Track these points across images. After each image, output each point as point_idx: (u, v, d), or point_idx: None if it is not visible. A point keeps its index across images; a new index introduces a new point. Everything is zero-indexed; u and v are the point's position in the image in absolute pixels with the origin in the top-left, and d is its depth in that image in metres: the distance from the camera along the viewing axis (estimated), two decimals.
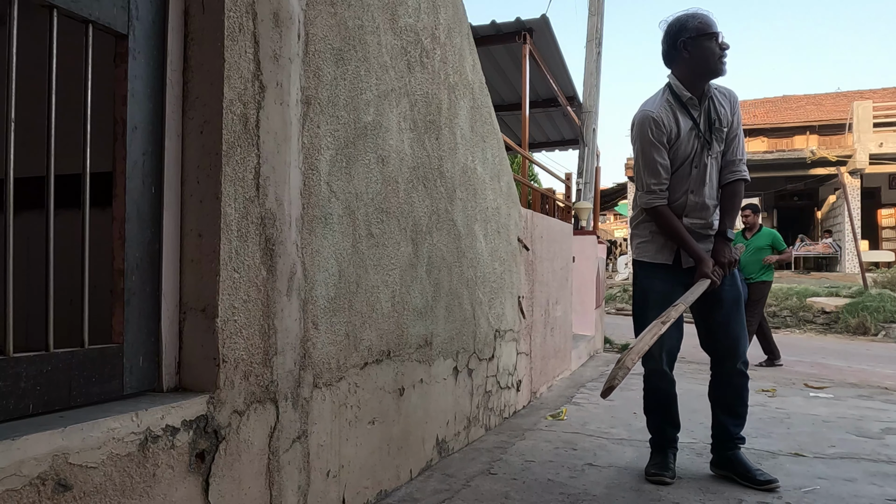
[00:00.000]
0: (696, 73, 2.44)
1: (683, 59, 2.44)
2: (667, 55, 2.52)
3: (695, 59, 2.41)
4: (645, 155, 2.48)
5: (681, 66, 2.47)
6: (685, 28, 2.42)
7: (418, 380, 2.50)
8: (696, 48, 2.40)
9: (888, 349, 8.58)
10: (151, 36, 1.43)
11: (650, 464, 2.56)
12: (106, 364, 1.33)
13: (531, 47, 5.65)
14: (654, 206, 2.50)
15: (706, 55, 2.40)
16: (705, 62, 2.40)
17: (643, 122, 2.46)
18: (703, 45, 2.39)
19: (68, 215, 1.40)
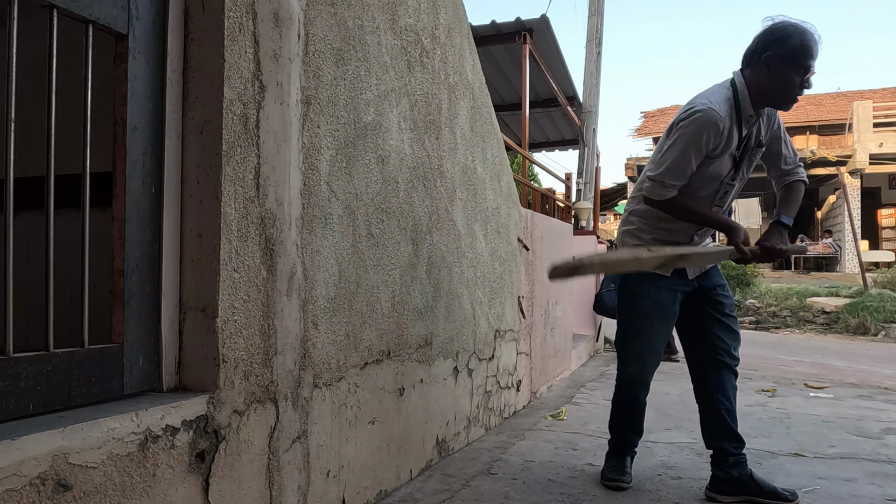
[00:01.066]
0: (762, 93, 2.17)
1: (762, 71, 2.15)
2: (750, 55, 2.21)
3: (771, 79, 2.14)
4: (684, 154, 2.18)
5: (755, 76, 2.18)
6: (783, 43, 2.10)
7: (418, 380, 2.50)
8: (779, 69, 2.11)
9: (888, 349, 8.58)
10: (151, 36, 1.43)
11: (608, 467, 2.49)
12: (106, 364, 1.33)
13: (531, 47, 5.65)
14: (668, 198, 2.24)
15: (785, 83, 2.12)
16: (777, 88, 2.14)
17: (705, 123, 2.13)
18: (788, 71, 2.10)
19: (68, 215, 1.40)
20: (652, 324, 2.40)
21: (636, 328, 2.43)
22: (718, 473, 2.33)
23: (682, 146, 2.18)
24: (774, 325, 11.22)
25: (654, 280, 2.37)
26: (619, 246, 2.51)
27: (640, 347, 2.44)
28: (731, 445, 2.34)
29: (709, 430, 2.40)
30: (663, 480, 2.51)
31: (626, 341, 2.48)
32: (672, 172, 2.22)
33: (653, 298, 2.39)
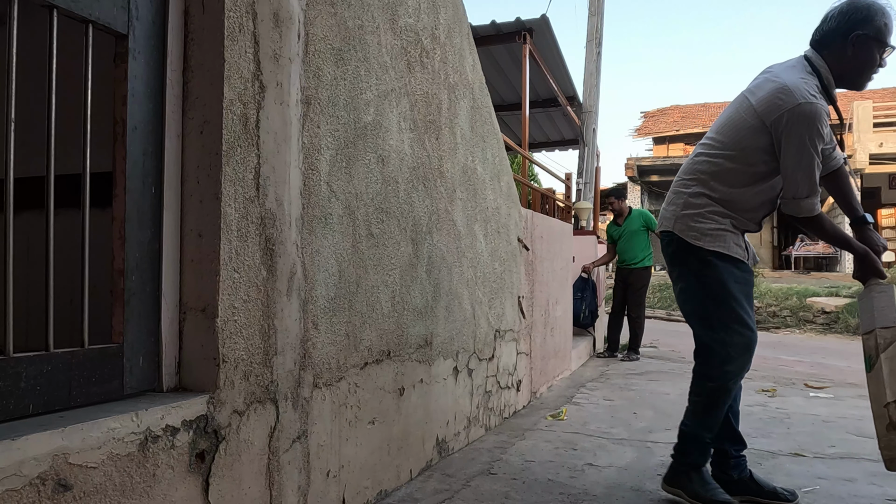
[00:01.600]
0: (843, 73, 2.10)
1: (843, 52, 2.07)
2: (828, 36, 2.10)
3: (854, 60, 2.07)
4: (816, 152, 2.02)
5: (836, 57, 2.09)
6: (869, 22, 2.03)
7: (418, 380, 2.50)
8: (863, 49, 2.05)
9: None
10: (151, 36, 1.43)
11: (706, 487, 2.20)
12: (106, 364, 1.33)
13: (531, 47, 5.65)
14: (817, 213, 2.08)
15: (867, 63, 2.07)
16: (860, 69, 2.08)
17: (816, 115, 1.99)
18: (871, 50, 2.05)
19: (68, 215, 1.40)
20: (749, 311, 2.18)
21: (736, 317, 2.15)
22: (718, 474, 2.33)
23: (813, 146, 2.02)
24: (774, 325, 11.23)
25: (738, 264, 2.18)
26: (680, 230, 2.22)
27: (745, 339, 2.16)
28: (732, 447, 2.33)
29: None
30: None
31: (727, 336, 2.16)
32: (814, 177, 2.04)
33: (741, 283, 2.17)
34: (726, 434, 2.33)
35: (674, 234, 2.23)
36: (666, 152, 22.99)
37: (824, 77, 2.10)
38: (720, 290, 2.15)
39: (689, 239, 2.19)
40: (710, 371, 2.20)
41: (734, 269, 2.16)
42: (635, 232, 6.38)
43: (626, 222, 6.43)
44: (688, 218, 2.21)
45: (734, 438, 2.34)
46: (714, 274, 2.16)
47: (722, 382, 2.19)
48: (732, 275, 2.16)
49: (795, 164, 2.04)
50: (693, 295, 2.24)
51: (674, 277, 2.33)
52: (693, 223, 2.19)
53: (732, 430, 2.34)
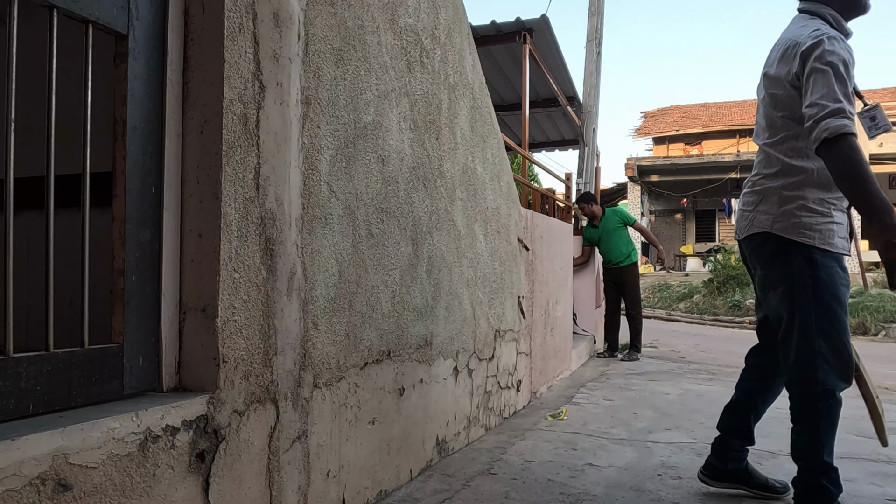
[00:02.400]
0: (846, 7, 2.04)
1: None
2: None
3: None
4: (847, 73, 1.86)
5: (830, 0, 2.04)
6: None
7: (418, 380, 2.50)
8: None
9: (888, 349, 8.59)
10: (151, 36, 1.43)
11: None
12: (106, 364, 1.33)
13: (531, 47, 5.65)
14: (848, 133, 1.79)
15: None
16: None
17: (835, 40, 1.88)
18: None
19: (68, 215, 1.40)
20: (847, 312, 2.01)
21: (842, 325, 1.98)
22: (714, 462, 2.36)
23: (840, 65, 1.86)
24: None
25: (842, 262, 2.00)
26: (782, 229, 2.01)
27: (849, 348, 2.00)
28: (738, 442, 2.34)
29: (728, 419, 2.36)
30: (663, 480, 2.51)
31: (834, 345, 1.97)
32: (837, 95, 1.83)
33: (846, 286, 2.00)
34: (740, 430, 2.33)
35: (771, 233, 2.02)
36: (666, 152, 23.00)
37: (831, 20, 2.00)
38: (827, 294, 1.96)
39: (795, 237, 1.97)
40: (815, 388, 1.98)
41: (840, 270, 1.99)
42: (614, 230, 6.42)
43: (603, 222, 6.48)
44: (788, 215, 1.99)
45: (745, 436, 2.34)
46: (822, 275, 1.96)
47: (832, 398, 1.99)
48: (839, 276, 1.98)
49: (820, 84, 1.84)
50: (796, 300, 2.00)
51: (770, 281, 2.08)
52: (796, 219, 1.98)
53: (748, 429, 2.34)
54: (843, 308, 1.97)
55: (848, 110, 1.81)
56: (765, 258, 2.08)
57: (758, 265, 2.12)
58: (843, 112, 1.81)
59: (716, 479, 2.36)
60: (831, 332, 1.97)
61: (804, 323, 1.99)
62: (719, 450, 2.36)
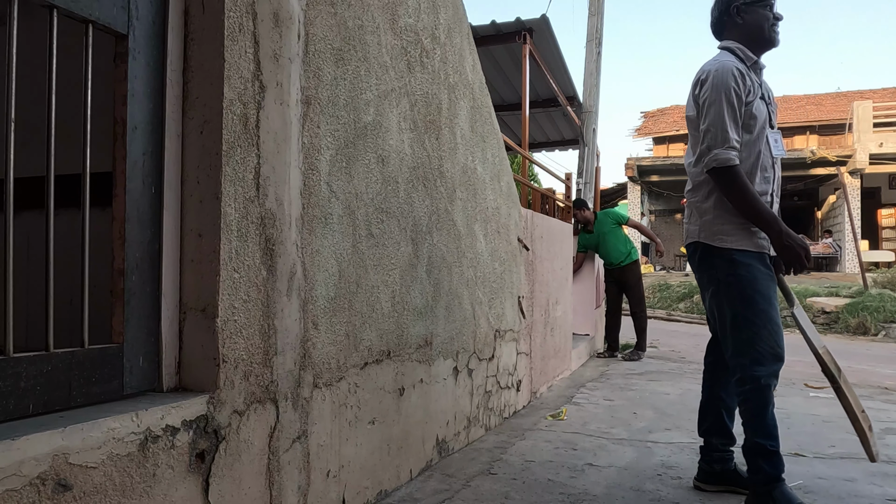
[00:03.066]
0: (751, 43, 2.26)
1: (737, 25, 2.28)
2: (717, 23, 2.35)
3: (749, 27, 2.25)
4: (729, 105, 2.12)
5: (734, 34, 2.29)
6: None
7: (418, 380, 2.50)
8: (750, 14, 2.25)
9: (888, 349, 8.58)
10: (151, 36, 1.43)
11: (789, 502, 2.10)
12: (106, 364, 1.33)
13: (531, 47, 5.65)
14: (735, 165, 2.09)
15: (760, 22, 2.24)
16: (759, 29, 2.25)
17: (724, 70, 2.15)
18: (757, 11, 2.24)
19: (68, 215, 1.40)
20: (774, 304, 2.18)
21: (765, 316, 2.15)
22: (703, 465, 2.43)
23: (720, 99, 2.12)
24: None
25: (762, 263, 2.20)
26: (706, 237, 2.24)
27: (775, 336, 2.17)
28: (719, 441, 2.40)
29: (702, 421, 2.46)
30: (663, 480, 2.51)
31: (758, 334, 2.15)
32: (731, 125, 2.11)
33: (768, 280, 2.19)
34: (716, 428, 2.41)
35: (699, 242, 2.26)
36: (666, 152, 22.99)
37: (738, 50, 2.26)
38: (748, 289, 2.16)
39: (715, 242, 2.21)
40: (745, 374, 2.16)
41: (760, 266, 2.18)
42: (609, 231, 6.41)
43: (597, 226, 6.48)
44: (709, 224, 2.23)
45: (723, 433, 2.41)
46: (740, 276, 2.16)
47: (764, 383, 2.14)
48: (760, 272, 2.17)
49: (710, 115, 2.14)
50: (723, 297, 2.21)
51: (703, 284, 2.33)
52: (715, 227, 2.21)
53: (723, 425, 2.41)
54: (766, 300, 2.16)
55: (733, 140, 2.11)
56: (696, 264, 2.34)
57: (694, 271, 2.38)
58: (728, 142, 2.11)
59: (708, 483, 2.40)
60: (757, 324, 2.15)
61: (733, 318, 2.20)
62: (704, 453, 2.44)
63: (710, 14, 2.39)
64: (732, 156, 2.10)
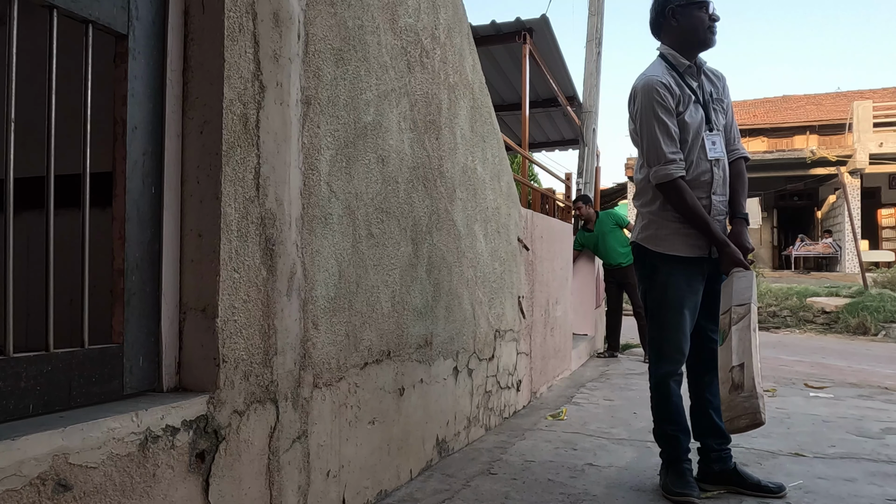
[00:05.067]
0: (686, 44, 2.32)
1: (672, 27, 2.33)
2: (654, 24, 2.40)
3: (683, 29, 2.31)
4: (658, 121, 2.25)
5: (670, 35, 2.35)
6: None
7: (418, 380, 2.50)
8: (684, 16, 2.30)
9: (888, 349, 8.58)
10: (151, 36, 1.43)
11: (669, 480, 2.32)
12: (106, 364, 1.33)
13: (531, 47, 5.65)
14: (675, 179, 2.23)
15: (695, 24, 2.28)
16: (694, 32, 2.29)
17: (648, 86, 2.27)
18: (692, 13, 2.29)
19: (68, 215, 1.40)
20: (684, 314, 2.33)
21: (673, 320, 2.32)
22: (702, 466, 2.43)
23: (651, 116, 2.26)
24: (774, 325, 11.22)
25: (687, 269, 2.32)
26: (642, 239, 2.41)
27: (678, 340, 2.33)
28: (714, 442, 2.40)
29: (696, 425, 2.46)
30: None
31: (664, 336, 2.35)
32: (665, 141, 2.25)
33: (684, 287, 2.32)
34: (709, 430, 2.42)
35: (636, 242, 2.46)
36: None
37: (668, 56, 2.35)
38: (660, 292, 2.36)
39: (647, 244, 2.40)
40: (652, 367, 2.42)
41: (682, 272, 2.32)
42: (609, 232, 6.37)
43: (598, 225, 6.43)
44: (645, 228, 2.42)
45: (716, 433, 2.41)
46: (659, 277, 2.36)
47: (660, 378, 2.38)
48: (681, 277, 2.32)
49: (644, 133, 2.29)
50: (647, 296, 2.44)
51: (638, 282, 2.55)
52: (650, 231, 2.40)
53: (715, 426, 2.41)
54: (678, 306, 2.32)
55: (669, 154, 2.24)
56: (634, 263, 2.54)
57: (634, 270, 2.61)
58: (664, 158, 2.25)
59: (708, 482, 2.40)
60: (665, 326, 2.35)
61: (650, 317, 2.43)
62: (702, 454, 2.44)
63: (648, 14, 2.43)
64: (671, 170, 2.24)
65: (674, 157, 2.24)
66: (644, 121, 2.29)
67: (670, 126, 2.26)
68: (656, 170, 2.26)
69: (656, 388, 2.41)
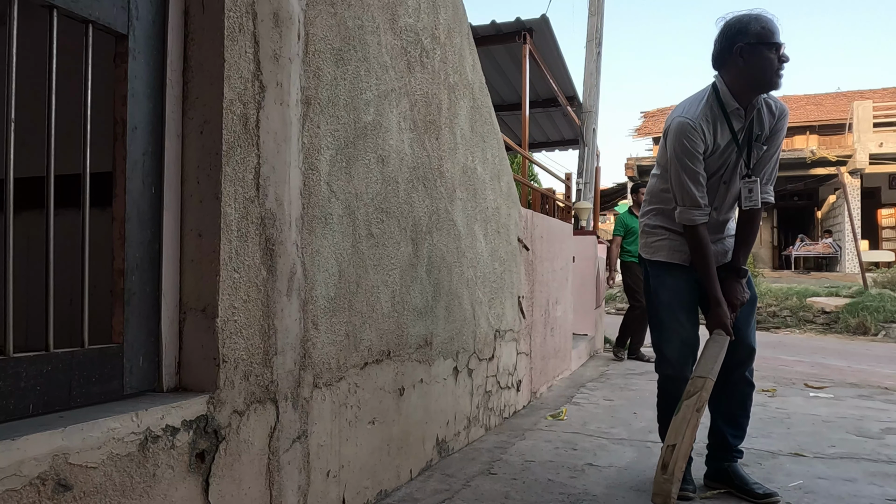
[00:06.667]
0: (748, 84, 2.19)
1: (737, 65, 2.18)
2: (718, 57, 2.26)
3: (750, 68, 2.16)
4: (686, 167, 2.25)
5: (732, 72, 2.21)
6: (745, 32, 2.16)
7: (418, 380, 2.50)
8: (753, 56, 2.15)
9: (888, 349, 8.58)
10: (151, 36, 1.43)
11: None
12: (106, 364, 1.33)
13: (531, 47, 5.65)
14: (697, 225, 2.26)
15: (763, 65, 2.14)
16: (761, 73, 2.16)
17: (680, 131, 2.23)
18: (762, 53, 2.14)
19: (68, 215, 1.40)
20: (680, 316, 2.39)
21: (669, 323, 2.39)
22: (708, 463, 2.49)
23: (678, 160, 2.26)
24: (774, 325, 11.21)
25: (674, 272, 2.41)
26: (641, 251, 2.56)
27: (676, 342, 2.39)
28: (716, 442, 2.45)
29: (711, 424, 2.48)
30: None
31: (662, 338, 2.43)
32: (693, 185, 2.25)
33: (674, 289, 2.41)
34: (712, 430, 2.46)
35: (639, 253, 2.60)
36: None
37: (720, 91, 2.25)
38: (653, 296, 2.48)
39: (645, 254, 2.53)
40: (656, 368, 2.51)
41: (670, 278, 2.42)
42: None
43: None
44: (646, 236, 2.54)
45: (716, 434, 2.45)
46: (651, 283, 2.49)
47: (660, 380, 2.50)
48: (671, 283, 2.42)
49: (672, 174, 2.31)
50: (647, 302, 2.56)
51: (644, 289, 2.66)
52: (648, 240, 2.52)
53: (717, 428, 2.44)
54: (669, 309, 2.41)
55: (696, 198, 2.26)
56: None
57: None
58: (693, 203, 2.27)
59: (715, 481, 2.42)
60: (658, 329, 2.47)
61: (650, 320, 2.55)
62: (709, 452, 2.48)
63: (712, 45, 2.30)
64: (695, 216, 2.27)
65: (700, 202, 2.26)
66: (672, 162, 2.29)
67: (698, 172, 2.25)
68: (681, 210, 2.30)
69: (659, 388, 2.51)
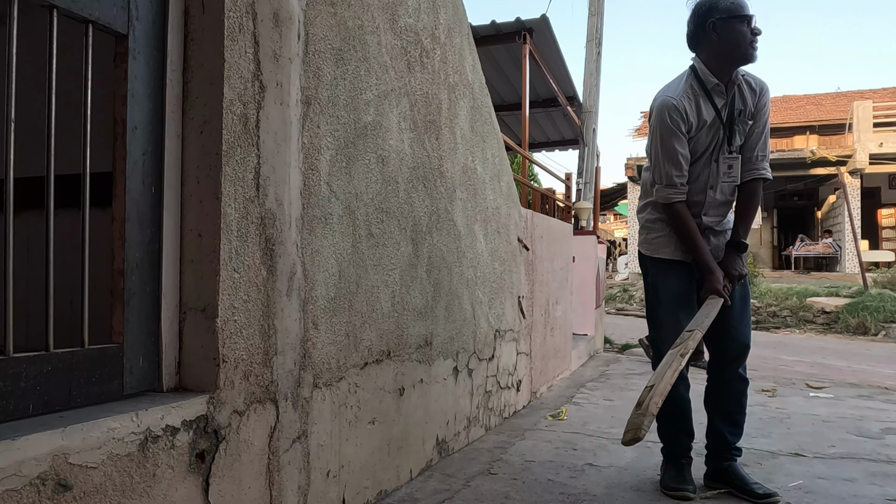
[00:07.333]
0: (724, 59, 2.25)
1: (711, 41, 2.24)
2: (692, 36, 2.32)
3: (723, 43, 2.22)
4: (665, 144, 2.29)
5: (707, 49, 2.27)
6: (715, 8, 2.22)
7: (418, 380, 2.50)
8: (725, 31, 2.20)
9: (888, 349, 8.58)
10: (151, 36, 1.43)
11: (667, 476, 2.39)
12: (106, 364, 1.33)
13: (531, 47, 5.65)
14: (673, 203, 2.32)
15: (737, 39, 2.20)
16: (735, 46, 2.21)
17: (662, 109, 2.28)
18: (733, 27, 2.20)
19: (68, 215, 1.40)
20: (677, 314, 2.37)
21: (666, 321, 2.38)
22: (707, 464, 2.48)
23: (659, 137, 2.31)
24: (774, 325, 11.22)
25: (674, 271, 2.42)
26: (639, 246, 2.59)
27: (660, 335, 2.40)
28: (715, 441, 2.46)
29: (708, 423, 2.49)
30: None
31: (660, 336, 2.41)
32: (669, 164, 2.31)
33: (674, 289, 2.41)
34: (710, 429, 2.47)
35: (639, 250, 2.62)
36: None
37: (698, 69, 2.31)
38: (654, 296, 2.49)
39: (643, 250, 2.55)
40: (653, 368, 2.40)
41: (670, 272, 2.42)
42: None
43: None
44: (643, 232, 2.56)
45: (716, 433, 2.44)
46: (650, 280, 2.50)
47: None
48: (667, 278, 2.43)
49: (653, 151, 2.37)
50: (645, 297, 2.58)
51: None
52: (645, 231, 2.54)
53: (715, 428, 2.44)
54: (668, 309, 2.41)
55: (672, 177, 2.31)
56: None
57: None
58: (668, 182, 2.32)
59: (714, 480, 2.42)
60: (656, 327, 2.47)
61: (648, 318, 2.58)
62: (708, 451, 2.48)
63: (685, 26, 2.35)
64: (670, 193, 2.32)
65: (676, 181, 2.31)
66: (653, 140, 2.35)
67: (678, 150, 2.29)
68: (658, 189, 2.36)
69: None
